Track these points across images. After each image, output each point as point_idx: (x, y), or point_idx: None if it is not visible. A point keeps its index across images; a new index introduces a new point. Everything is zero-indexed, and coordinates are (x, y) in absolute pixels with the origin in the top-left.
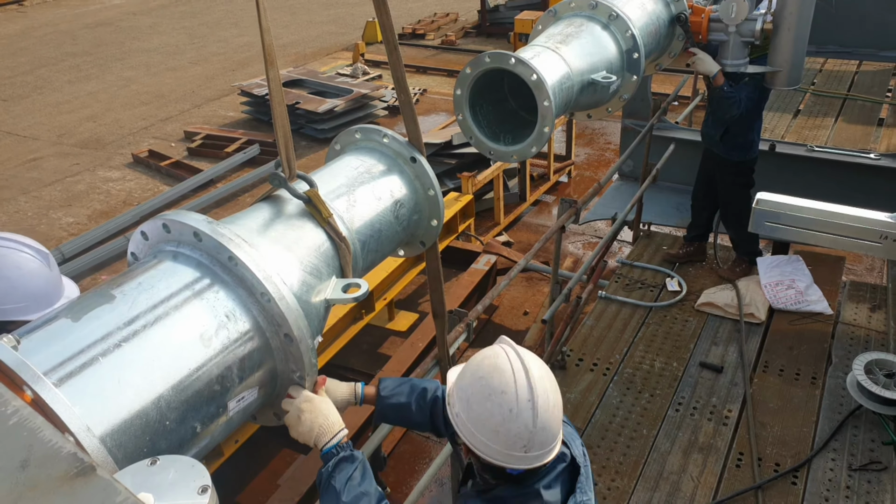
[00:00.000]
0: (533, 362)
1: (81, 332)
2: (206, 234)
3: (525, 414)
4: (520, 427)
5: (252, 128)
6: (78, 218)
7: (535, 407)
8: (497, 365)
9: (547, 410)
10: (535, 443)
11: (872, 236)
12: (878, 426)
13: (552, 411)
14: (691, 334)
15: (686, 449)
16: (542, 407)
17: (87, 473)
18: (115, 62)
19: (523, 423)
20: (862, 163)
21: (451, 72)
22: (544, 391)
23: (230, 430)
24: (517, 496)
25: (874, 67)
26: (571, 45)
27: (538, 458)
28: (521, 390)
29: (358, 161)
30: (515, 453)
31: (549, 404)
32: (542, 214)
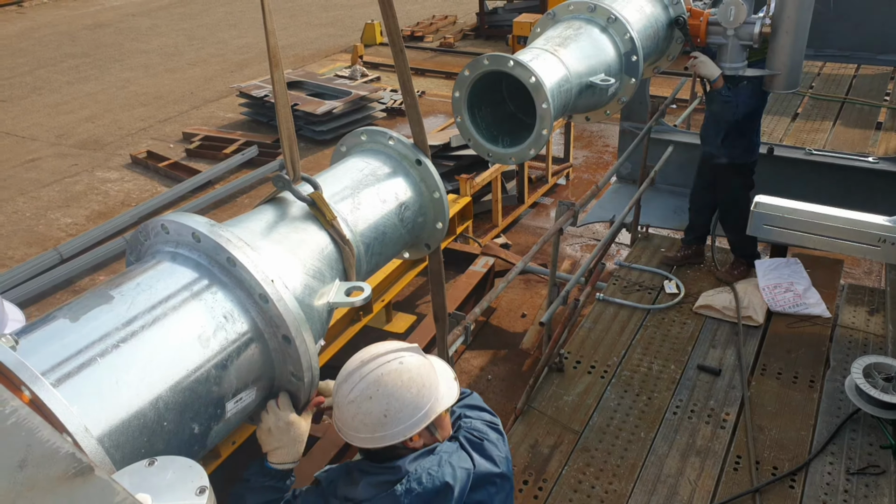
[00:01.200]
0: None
1: (80, 332)
2: (204, 234)
3: (401, 379)
4: (409, 393)
5: (250, 129)
6: (76, 218)
7: (399, 369)
8: (356, 385)
9: (413, 366)
10: (424, 396)
11: (871, 239)
12: (877, 430)
13: (417, 366)
14: (689, 337)
15: (684, 452)
16: (408, 363)
17: (85, 473)
18: (114, 63)
19: (407, 389)
20: (860, 166)
21: (449, 74)
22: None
23: (228, 431)
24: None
25: (872, 71)
26: (570, 48)
27: (442, 400)
28: (379, 372)
29: (363, 163)
30: (450, 381)
31: (411, 361)
32: (541, 217)
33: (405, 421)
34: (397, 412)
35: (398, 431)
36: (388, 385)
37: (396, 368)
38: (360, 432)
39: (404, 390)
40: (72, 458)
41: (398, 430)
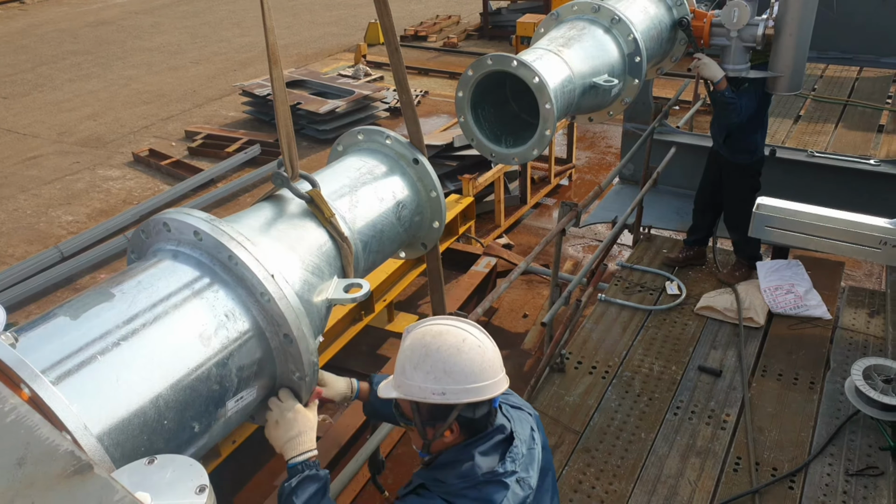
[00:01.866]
0: (460, 320)
1: (80, 330)
2: (205, 232)
3: (484, 341)
4: (491, 353)
5: (253, 128)
6: (77, 216)
7: (481, 331)
8: (431, 329)
9: (486, 343)
10: (486, 371)
11: (872, 242)
12: (876, 431)
13: (492, 347)
14: (690, 338)
15: (684, 453)
16: (482, 338)
17: (84, 472)
18: (116, 61)
19: (489, 348)
20: (862, 168)
21: (452, 74)
22: (475, 327)
23: (228, 430)
24: (454, 460)
25: (875, 74)
26: (574, 49)
27: (494, 386)
28: (458, 331)
29: (360, 162)
30: (499, 376)
31: (485, 339)
32: (543, 217)
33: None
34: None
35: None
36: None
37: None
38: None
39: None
40: (71, 455)
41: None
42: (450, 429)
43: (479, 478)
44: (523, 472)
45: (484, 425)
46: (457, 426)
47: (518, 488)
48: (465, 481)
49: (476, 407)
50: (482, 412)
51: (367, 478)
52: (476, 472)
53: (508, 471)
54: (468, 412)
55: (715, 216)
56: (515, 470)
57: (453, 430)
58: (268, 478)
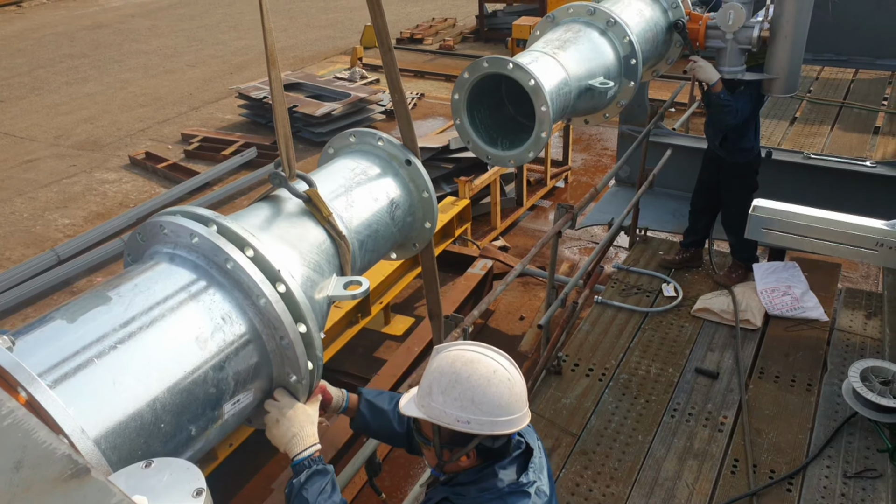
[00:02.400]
0: (491, 349)
1: (77, 333)
2: (202, 236)
3: (513, 373)
4: (519, 386)
5: (249, 131)
6: (74, 220)
7: (507, 370)
8: (463, 355)
9: (516, 377)
10: (513, 405)
11: (868, 244)
12: (874, 433)
13: (520, 381)
14: (687, 340)
15: (681, 455)
16: (512, 371)
17: (81, 475)
18: (112, 64)
19: (517, 381)
20: (858, 170)
21: (448, 76)
22: (506, 359)
23: (225, 433)
24: (476, 478)
25: (870, 76)
26: (569, 51)
27: (518, 420)
28: (490, 362)
29: (354, 163)
30: (524, 410)
31: (515, 372)
32: (539, 219)
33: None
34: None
35: (509, 421)
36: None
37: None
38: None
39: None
40: (68, 459)
41: (510, 419)
42: (467, 455)
43: (504, 489)
44: (539, 482)
45: (502, 454)
46: (474, 453)
47: (537, 498)
48: (489, 493)
49: (497, 438)
50: (501, 442)
51: (364, 480)
52: (499, 485)
53: (531, 481)
54: (488, 441)
55: (711, 218)
56: (536, 481)
57: (470, 457)
58: (265, 481)
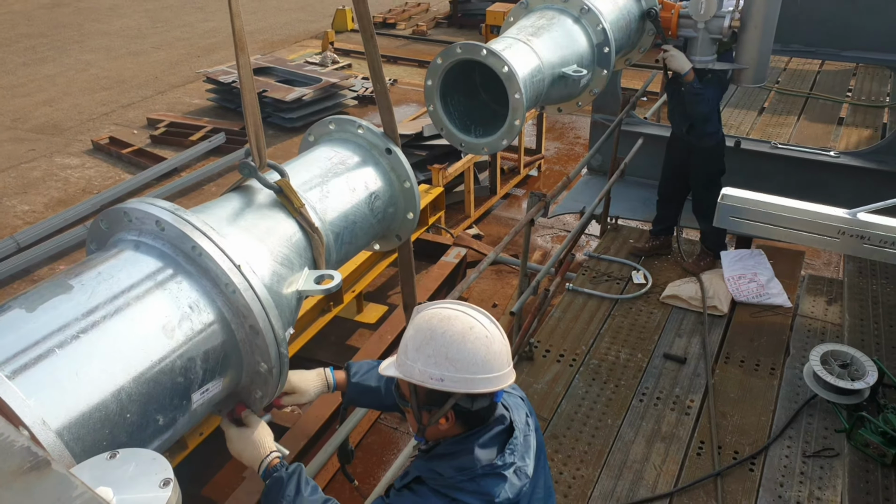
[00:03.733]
0: (472, 307)
1: (37, 323)
2: (168, 222)
3: (493, 332)
4: (498, 344)
5: (218, 116)
6: (34, 206)
7: (485, 327)
8: (440, 313)
9: (495, 334)
10: (491, 363)
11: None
12: (832, 414)
13: (501, 339)
14: (656, 326)
15: (649, 438)
16: (491, 329)
17: (41, 468)
18: (73, 45)
19: (498, 340)
20: (822, 160)
21: (421, 62)
22: (486, 317)
23: (194, 423)
24: (452, 452)
25: (836, 67)
26: (543, 38)
27: (497, 380)
28: (468, 318)
29: (332, 152)
30: (504, 370)
31: (495, 330)
32: (512, 208)
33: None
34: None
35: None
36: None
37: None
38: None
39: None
40: (27, 452)
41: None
42: (445, 417)
43: (478, 471)
44: (520, 462)
45: (482, 419)
46: (452, 415)
47: (515, 479)
48: (463, 474)
49: (475, 399)
50: (481, 405)
51: (336, 468)
52: (475, 465)
53: (507, 463)
54: (466, 403)
55: (678, 205)
56: (514, 462)
57: (449, 419)
58: (236, 469)
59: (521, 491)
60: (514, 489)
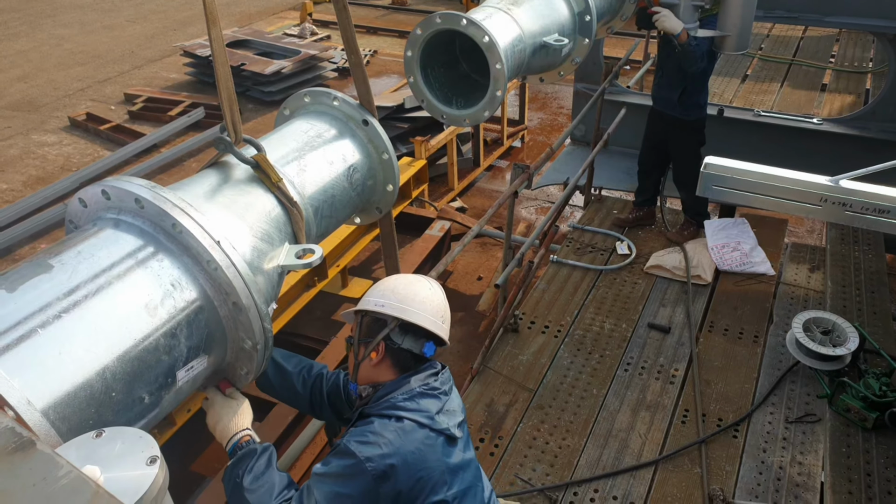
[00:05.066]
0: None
1: (17, 303)
2: (147, 200)
3: (439, 293)
4: (440, 300)
5: (196, 90)
6: (12, 184)
7: (431, 286)
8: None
9: (438, 294)
10: (447, 317)
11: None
12: (814, 381)
13: (442, 300)
14: (640, 296)
15: (634, 407)
16: (436, 289)
17: (26, 448)
18: (45, 19)
19: (441, 298)
20: (805, 127)
21: (402, 33)
22: (438, 286)
23: (180, 400)
24: (390, 390)
25: (819, 33)
26: (523, 7)
27: (446, 332)
28: (433, 283)
29: (308, 125)
30: (437, 320)
31: (439, 292)
32: (496, 180)
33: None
34: None
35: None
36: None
37: None
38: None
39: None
40: (11, 432)
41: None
42: (376, 350)
43: (416, 390)
44: (450, 405)
45: (409, 363)
46: (383, 347)
47: (446, 417)
48: (402, 394)
49: (405, 334)
50: (410, 345)
51: (324, 441)
52: (412, 386)
53: (440, 388)
54: (397, 337)
55: (659, 175)
56: (446, 393)
57: (379, 352)
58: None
59: (455, 428)
60: (448, 420)
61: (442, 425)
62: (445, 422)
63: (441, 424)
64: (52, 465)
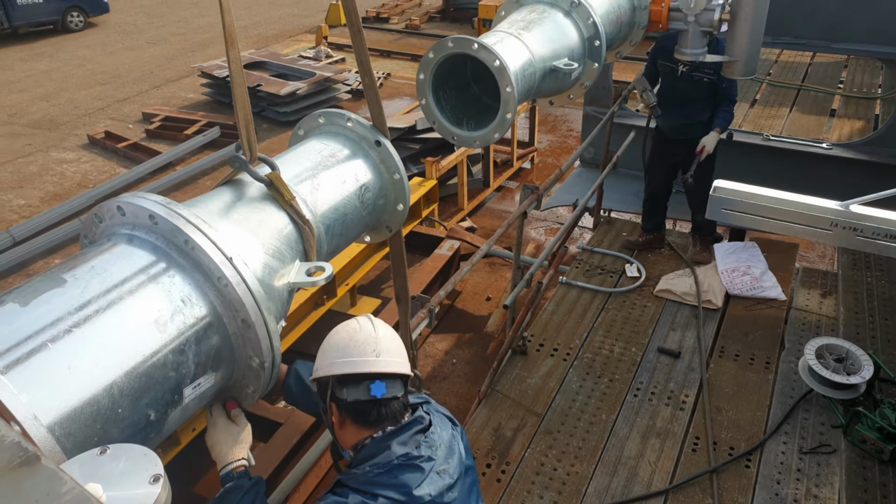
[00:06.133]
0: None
1: (30, 316)
2: (161, 216)
3: (366, 328)
4: (365, 335)
5: (213, 110)
6: (30, 200)
7: (372, 323)
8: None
9: (387, 331)
10: (381, 348)
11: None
12: (828, 410)
13: (393, 337)
14: (650, 320)
15: (644, 434)
16: (380, 325)
17: (31, 463)
18: (69, 40)
19: (367, 332)
20: (814, 152)
21: (414, 56)
22: (367, 319)
23: (186, 418)
24: (372, 453)
25: (827, 59)
26: (534, 32)
27: (388, 363)
28: (360, 320)
29: (322, 145)
30: (368, 357)
31: (388, 330)
32: (506, 200)
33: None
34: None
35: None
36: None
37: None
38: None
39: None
40: (17, 447)
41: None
42: (334, 413)
43: (394, 462)
44: (441, 462)
45: (370, 412)
46: (334, 408)
47: (437, 477)
48: (379, 468)
49: (345, 386)
50: (354, 395)
51: (329, 464)
52: (390, 457)
53: (424, 455)
54: (340, 392)
55: (667, 202)
56: (433, 457)
57: (335, 414)
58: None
59: (445, 492)
60: (435, 487)
61: (424, 499)
62: (428, 490)
63: (423, 498)
64: (55, 481)
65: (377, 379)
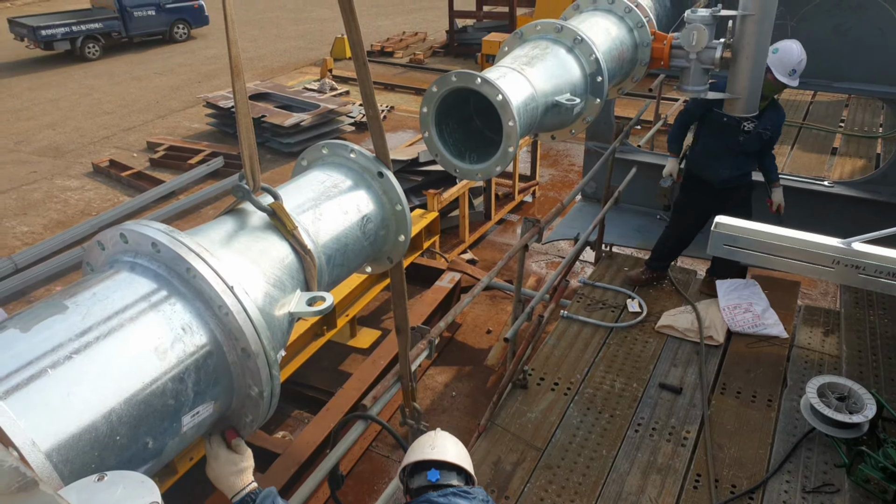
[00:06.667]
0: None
1: (30, 342)
2: (163, 244)
3: (429, 433)
4: (426, 437)
5: (217, 140)
6: (33, 227)
7: (436, 431)
8: None
9: (448, 436)
10: (437, 444)
11: (825, 261)
12: (831, 449)
13: (454, 441)
14: (651, 355)
15: (645, 470)
16: (441, 432)
17: (29, 488)
18: (77, 70)
19: (428, 435)
20: (816, 190)
21: (418, 90)
22: (444, 433)
23: (184, 446)
24: None
25: (828, 98)
26: (537, 67)
27: (442, 454)
28: (428, 433)
29: (325, 176)
30: (427, 449)
31: (450, 436)
32: (507, 233)
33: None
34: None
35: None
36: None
37: None
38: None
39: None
40: (15, 472)
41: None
42: (407, 494)
43: (436, 495)
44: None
45: (417, 493)
46: (408, 497)
47: None
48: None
49: (412, 476)
50: (417, 482)
51: (327, 494)
52: (430, 495)
53: (471, 493)
54: (410, 481)
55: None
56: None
57: (407, 501)
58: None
59: None
60: None
61: None
62: None
63: None
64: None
65: (432, 467)
